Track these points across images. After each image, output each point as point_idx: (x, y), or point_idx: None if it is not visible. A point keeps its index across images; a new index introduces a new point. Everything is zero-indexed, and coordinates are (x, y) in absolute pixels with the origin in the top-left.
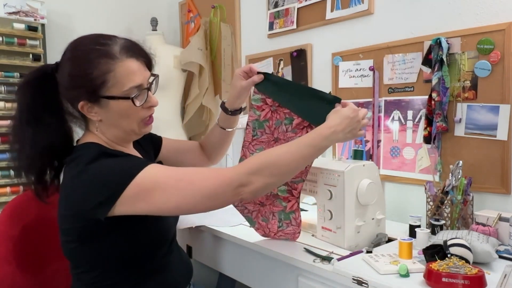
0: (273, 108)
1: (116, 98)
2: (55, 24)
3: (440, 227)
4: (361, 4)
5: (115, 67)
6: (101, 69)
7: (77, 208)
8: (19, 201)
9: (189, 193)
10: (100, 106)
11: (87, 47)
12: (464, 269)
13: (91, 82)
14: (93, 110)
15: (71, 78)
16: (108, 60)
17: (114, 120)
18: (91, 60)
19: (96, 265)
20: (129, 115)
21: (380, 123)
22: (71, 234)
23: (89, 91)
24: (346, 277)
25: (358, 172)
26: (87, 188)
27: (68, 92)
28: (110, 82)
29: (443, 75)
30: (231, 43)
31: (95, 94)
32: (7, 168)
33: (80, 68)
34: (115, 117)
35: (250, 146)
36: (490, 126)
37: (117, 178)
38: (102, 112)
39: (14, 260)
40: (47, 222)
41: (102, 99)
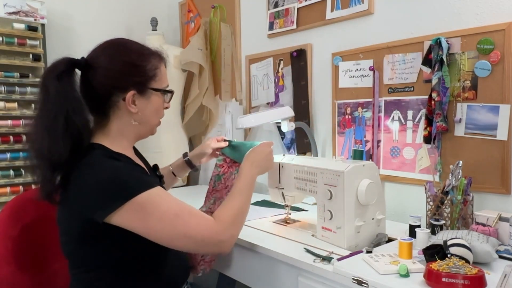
0: (229, 164)
1: (161, 91)
2: (55, 24)
3: (440, 227)
4: (361, 4)
5: (161, 65)
6: (153, 64)
7: (77, 209)
8: (18, 202)
9: (180, 232)
10: (144, 97)
11: (138, 45)
12: (464, 269)
13: (144, 74)
14: (136, 101)
15: (127, 67)
16: (157, 58)
17: (148, 113)
18: (145, 55)
19: (95, 266)
20: (158, 111)
21: (380, 123)
22: (70, 234)
23: (141, 81)
24: (346, 277)
25: (358, 172)
26: (91, 190)
27: (120, 80)
28: (157, 77)
29: (443, 75)
30: (231, 43)
31: (145, 85)
32: (7, 168)
33: (137, 59)
34: (151, 110)
35: (210, 195)
36: (490, 126)
37: (123, 188)
38: (143, 104)
39: (13, 260)
40: (46, 222)
41: (149, 91)
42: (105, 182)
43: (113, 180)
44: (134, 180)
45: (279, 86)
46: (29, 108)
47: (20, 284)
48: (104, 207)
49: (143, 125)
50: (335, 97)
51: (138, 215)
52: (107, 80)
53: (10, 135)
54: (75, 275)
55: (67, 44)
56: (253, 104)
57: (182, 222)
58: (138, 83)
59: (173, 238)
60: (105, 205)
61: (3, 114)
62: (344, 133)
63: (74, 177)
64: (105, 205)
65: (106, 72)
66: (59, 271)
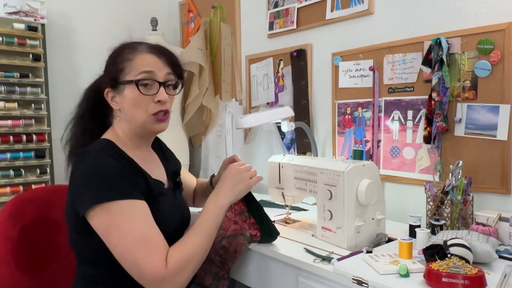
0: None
1: (128, 82)
2: (55, 24)
3: (440, 227)
4: (361, 4)
5: (135, 57)
6: (124, 57)
7: (71, 200)
8: (17, 202)
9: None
10: (119, 92)
11: (121, 45)
12: (464, 269)
13: (114, 68)
14: (114, 98)
15: (105, 67)
16: (130, 51)
17: (128, 109)
18: (119, 52)
19: (96, 261)
20: (139, 104)
21: (380, 123)
22: (71, 226)
23: (112, 77)
24: (346, 277)
25: (358, 172)
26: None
27: (100, 81)
28: (127, 69)
29: (443, 75)
30: (231, 43)
31: (115, 79)
32: (7, 168)
33: (110, 58)
34: (129, 106)
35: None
36: (490, 126)
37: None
38: (120, 99)
39: (13, 260)
40: (45, 223)
41: (120, 85)
42: (90, 179)
43: (99, 179)
44: (116, 185)
45: (279, 86)
46: (29, 108)
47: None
48: (83, 201)
49: (130, 122)
50: (335, 97)
51: (104, 219)
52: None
53: (10, 135)
54: (78, 267)
55: (67, 44)
56: (253, 104)
57: (137, 248)
58: (111, 80)
59: (123, 259)
60: (84, 200)
61: (3, 114)
62: (344, 133)
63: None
64: (84, 200)
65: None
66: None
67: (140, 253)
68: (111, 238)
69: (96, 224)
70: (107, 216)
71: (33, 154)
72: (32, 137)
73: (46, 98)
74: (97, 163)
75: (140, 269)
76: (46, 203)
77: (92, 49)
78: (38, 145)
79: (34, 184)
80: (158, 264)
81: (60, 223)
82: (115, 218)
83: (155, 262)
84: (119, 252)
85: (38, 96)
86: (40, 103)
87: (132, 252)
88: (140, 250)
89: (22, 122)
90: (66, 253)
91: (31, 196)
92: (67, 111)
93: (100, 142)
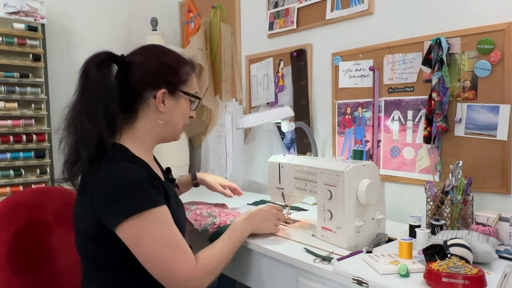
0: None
1: (190, 95)
2: (55, 24)
3: (440, 227)
4: (361, 4)
5: (193, 73)
6: (186, 69)
7: (93, 210)
8: (8, 205)
9: (162, 262)
10: (174, 98)
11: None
12: (464, 269)
13: (177, 76)
14: (165, 100)
15: (163, 66)
16: (190, 65)
17: (175, 115)
18: (181, 61)
19: (107, 267)
20: (184, 115)
21: (380, 123)
22: (85, 233)
23: (173, 82)
24: (346, 277)
25: (358, 172)
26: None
27: (154, 77)
28: (189, 82)
29: (443, 75)
30: (231, 43)
31: (176, 86)
32: (7, 168)
33: (173, 62)
34: (177, 112)
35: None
36: (490, 126)
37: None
38: (171, 105)
39: (9, 265)
40: (36, 226)
41: (179, 93)
42: (118, 192)
43: (125, 192)
44: (143, 195)
45: (279, 86)
46: (29, 108)
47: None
48: (113, 217)
49: (169, 126)
50: (335, 97)
51: (134, 230)
52: (142, 75)
53: (10, 135)
54: (88, 274)
55: (67, 44)
56: (253, 104)
57: (169, 253)
58: (170, 83)
59: (152, 263)
60: (114, 215)
61: (3, 114)
62: (344, 133)
63: (92, 177)
64: (114, 215)
65: (142, 68)
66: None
67: (172, 257)
68: (141, 246)
69: (125, 236)
70: (137, 226)
71: (33, 154)
72: (32, 137)
73: (46, 98)
74: (122, 172)
75: (173, 272)
76: (36, 206)
77: (92, 49)
78: (38, 145)
79: (34, 184)
80: (190, 266)
81: (51, 226)
82: (145, 227)
83: (187, 264)
84: (149, 258)
85: (38, 96)
86: (40, 103)
87: (164, 256)
88: (171, 254)
89: (22, 122)
90: (58, 257)
91: (21, 199)
92: None
93: (116, 147)
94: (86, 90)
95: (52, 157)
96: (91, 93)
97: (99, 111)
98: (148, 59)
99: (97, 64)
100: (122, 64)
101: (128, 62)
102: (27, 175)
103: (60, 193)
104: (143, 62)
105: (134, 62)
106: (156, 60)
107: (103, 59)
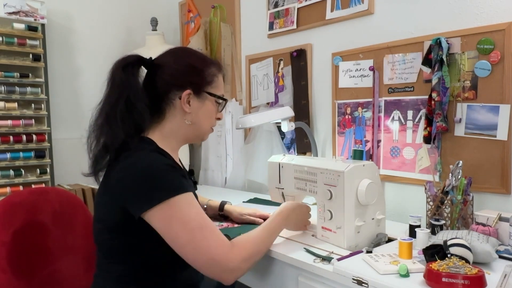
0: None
1: (215, 96)
2: (55, 24)
3: (440, 227)
4: (361, 4)
5: (219, 75)
6: (212, 70)
7: (118, 198)
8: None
9: (196, 245)
10: (199, 99)
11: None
12: (464, 269)
13: (202, 77)
14: (190, 101)
15: (188, 68)
16: (216, 67)
17: (201, 116)
18: (207, 62)
19: (126, 259)
20: (211, 116)
21: (380, 123)
22: (107, 223)
23: (198, 83)
24: (346, 277)
25: (358, 172)
26: (133, 183)
27: (179, 78)
28: (214, 83)
29: (443, 75)
30: (231, 43)
31: (201, 87)
32: (7, 168)
33: (198, 63)
34: (203, 113)
35: None
36: (490, 126)
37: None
38: (196, 106)
39: (9, 267)
40: (34, 227)
41: (204, 94)
42: (148, 178)
43: (155, 178)
44: (173, 181)
45: (279, 86)
46: (29, 108)
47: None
48: (142, 203)
49: (195, 127)
50: (335, 97)
51: (165, 216)
52: (168, 76)
53: (10, 135)
54: (103, 265)
55: (67, 44)
56: (253, 104)
57: (202, 235)
58: (195, 84)
59: (188, 248)
60: (143, 201)
61: (3, 114)
62: (344, 133)
63: (118, 167)
64: (143, 201)
65: (168, 70)
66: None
67: (206, 239)
68: (174, 231)
69: (156, 222)
70: (168, 212)
71: (33, 154)
72: (32, 137)
73: (46, 98)
74: (151, 160)
75: (206, 254)
76: (34, 207)
77: (92, 49)
78: (38, 145)
79: (34, 184)
80: (226, 246)
81: (49, 226)
82: (177, 211)
83: (223, 244)
84: (181, 242)
85: (38, 96)
86: (40, 103)
87: (198, 239)
88: (205, 236)
89: (22, 122)
90: (55, 258)
91: (19, 200)
92: (67, 111)
93: (143, 139)
94: (112, 90)
95: (52, 157)
96: (117, 93)
97: (125, 110)
98: (173, 61)
99: (123, 66)
100: (150, 67)
101: (156, 64)
102: (27, 175)
103: (57, 194)
104: (169, 63)
105: (161, 64)
106: (182, 61)
107: (129, 61)
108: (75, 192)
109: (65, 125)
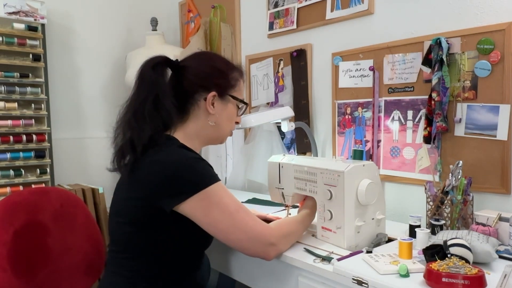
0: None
1: (238, 99)
2: (55, 24)
3: (440, 227)
4: (361, 4)
5: (241, 79)
6: (235, 75)
7: (147, 193)
8: (7, 206)
9: (237, 225)
10: (222, 101)
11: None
12: (464, 269)
13: (227, 80)
14: (214, 103)
15: (214, 70)
16: (239, 72)
17: (224, 118)
18: (230, 66)
19: (144, 254)
20: (231, 119)
21: (380, 123)
22: (130, 217)
23: (223, 86)
24: (346, 277)
25: (358, 172)
26: (164, 176)
27: (205, 80)
28: (237, 87)
29: (443, 75)
30: (231, 43)
31: (225, 90)
32: (7, 168)
33: (223, 67)
34: (225, 115)
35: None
36: (490, 126)
37: (195, 179)
38: (219, 108)
39: (9, 266)
40: (34, 227)
41: (227, 97)
42: (178, 172)
43: (186, 171)
44: (204, 172)
45: (279, 86)
46: (29, 108)
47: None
48: (177, 195)
49: (217, 128)
50: (335, 97)
51: (203, 205)
52: (194, 78)
53: (10, 135)
54: (117, 258)
55: (67, 44)
56: (253, 104)
57: (241, 217)
58: (220, 87)
59: (230, 230)
60: (178, 193)
61: (3, 114)
62: (344, 133)
63: (147, 161)
64: (175, 194)
65: (195, 72)
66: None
67: (245, 220)
68: (213, 216)
69: (193, 211)
70: (205, 200)
71: (33, 154)
72: (32, 137)
73: (46, 98)
74: (181, 154)
75: (249, 232)
76: (34, 207)
77: (92, 49)
78: (38, 145)
79: (34, 184)
80: (263, 224)
81: (49, 226)
82: (213, 198)
83: (259, 223)
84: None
85: (38, 96)
86: (40, 103)
87: (237, 220)
88: (244, 217)
89: (22, 122)
90: (55, 258)
91: (19, 199)
92: (67, 111)
93: (169, 137)
94: (141, 88)
95: (52, 157)
96: (146, 91)
97: (153, 107)
98: (200, 64)
99: (152, 66)
100: (176, 68)
101: (182, 66)
102: (27, 175)
103: (57, 194)
104: (195, 66)
105: (187, 66)
106: (208, 64)
107: (158, 61)
108: (75, 192)
109: (65, 125)
